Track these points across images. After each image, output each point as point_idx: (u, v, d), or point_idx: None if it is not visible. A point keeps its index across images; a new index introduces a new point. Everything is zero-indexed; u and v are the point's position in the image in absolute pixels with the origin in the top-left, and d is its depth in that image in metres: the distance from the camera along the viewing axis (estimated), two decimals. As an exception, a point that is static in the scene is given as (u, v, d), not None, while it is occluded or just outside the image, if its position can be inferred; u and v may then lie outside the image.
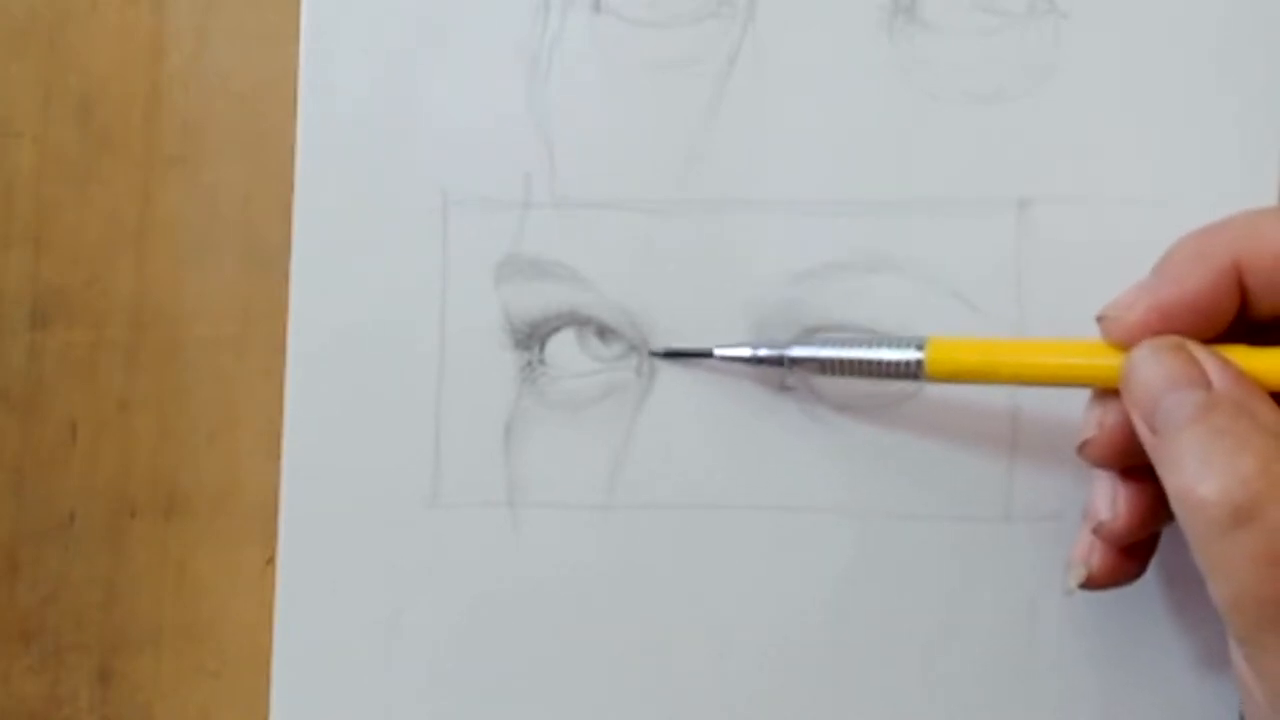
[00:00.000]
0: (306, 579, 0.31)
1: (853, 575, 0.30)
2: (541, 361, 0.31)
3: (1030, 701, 0.30)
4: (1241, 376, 0.24)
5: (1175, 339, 0.25)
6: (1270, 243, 0.25)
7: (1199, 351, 0.24)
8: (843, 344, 0.28)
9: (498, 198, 0.31)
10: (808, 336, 0.30)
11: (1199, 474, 0.23)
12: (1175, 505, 0.23)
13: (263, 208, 0.32)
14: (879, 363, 0.28)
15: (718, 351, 0.30)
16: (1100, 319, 0.26)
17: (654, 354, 0.31)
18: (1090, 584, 0.27)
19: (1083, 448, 0.27)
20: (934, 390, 0.30)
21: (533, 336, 0.31)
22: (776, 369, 0.30)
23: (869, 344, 0.28)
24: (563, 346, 0.31)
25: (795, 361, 0.29)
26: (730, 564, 0.30)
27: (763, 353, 0.29)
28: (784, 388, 0.30)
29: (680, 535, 0.31)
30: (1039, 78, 0.30)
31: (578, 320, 0.31)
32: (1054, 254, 0.30)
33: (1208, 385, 0.24)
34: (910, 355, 0.27)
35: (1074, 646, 0.30)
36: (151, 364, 0.32)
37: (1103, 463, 0.27)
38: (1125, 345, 0.25)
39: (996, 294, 0.30)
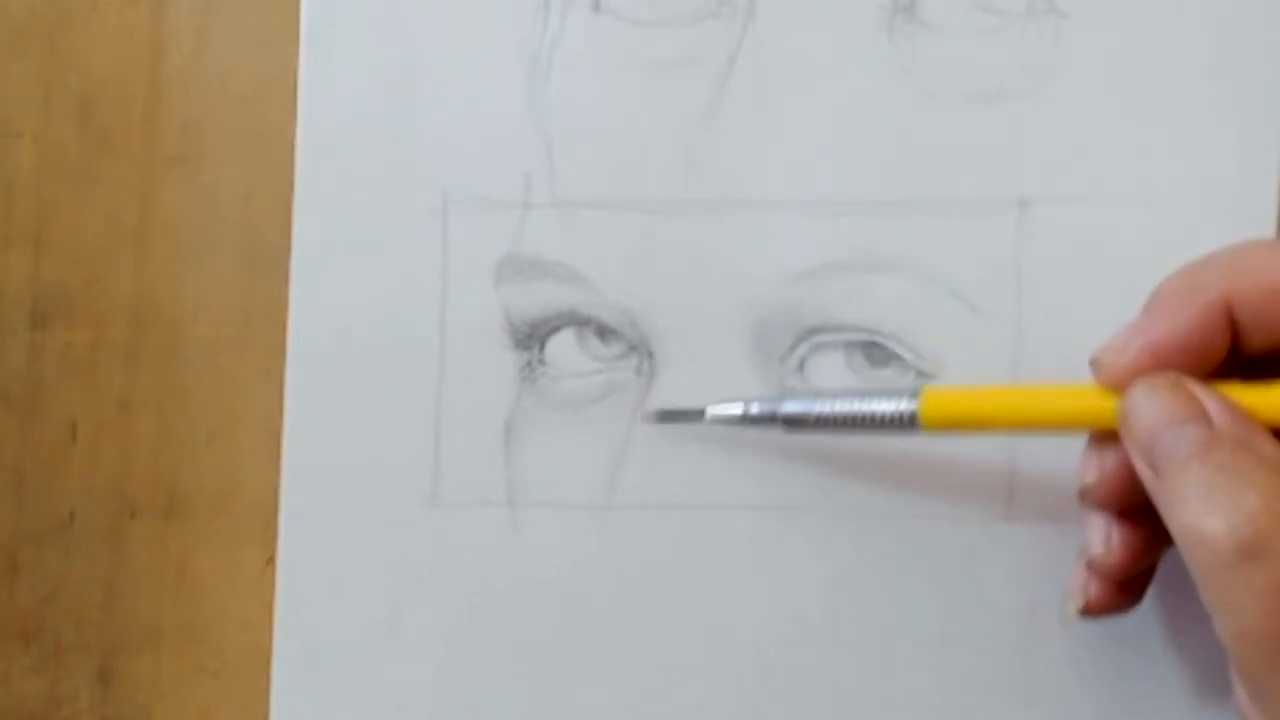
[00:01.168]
0: (306, 579, 0.31)
1: (852, 575, 0.30)
2: (541, 361, 0.31)
3: (1030, 702, 0.30)
4: (1240, 412, 0.24)
5: (1172, 376, 0.24)
6: (1259, 277, 0.25)
7: (1196, 388, 0.24)
8: (835, 397, 0.28)
9: (498, 198, 0.31)
10: (801, 391, 0.30)
11: (1203, 511, 0.22)
12: (1180, 542, 0.23)
13: (263, 208, 0.32)
14: (873, 416, 0.27)
15: (710, 411, 0.29)
16: (1093, 362, 0.26)
17: (646, 419, 0.30)
18: (1087, 612, 0.27)
19: (1084, 494, 0.27)
20: (934, 390, 0.30)
21: (533, 336, 0.31)
22: (778, 362, 0.30)
23: (862, 396, 0.28)
24: (563, 346, 0.31)
25: (789, 421, 0.28)
26: (730, 564, 0.30)
27: (755, 410, 0.29)
28: (784, 388, 0.30)
29: (680, 535, 0.31)
30: (1039, 78, 0.30)
31: (578, 320, 0.31)
32: (1054, 254, 0.30)
33: (1207, 421, 0.24)
34: (904, 406, 0.27)
35: (1074, 646, 0.30)
36: (151, 364, 0.32)
37: (1103, 506, 0.26)
38: (1119, 388, 0.25)
39: (996, 294, 0.30)
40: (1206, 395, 0.24)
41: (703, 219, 0.31)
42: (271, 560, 0.31)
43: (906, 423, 0.27)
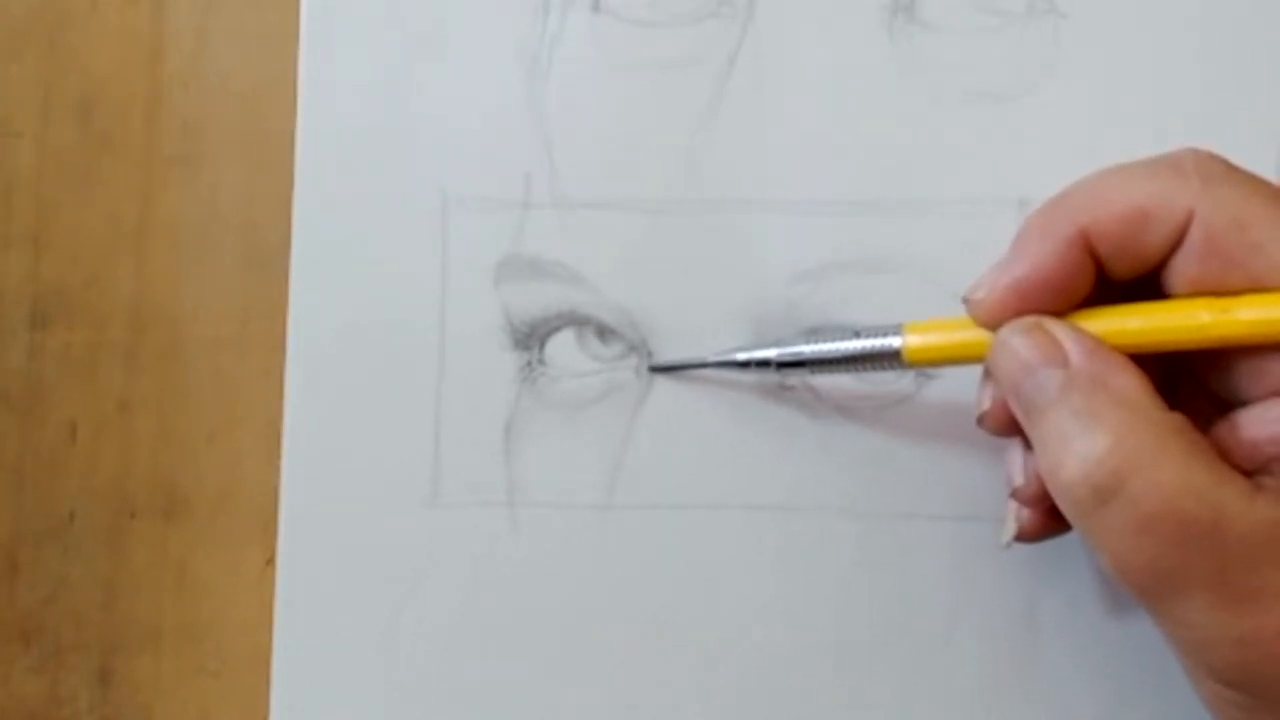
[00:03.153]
0: (306, 579, 0.31)
1: (853, 575, 0.30)
2: (541, 362, 0.31)
3: (1030, 701, 0.30)
4: (1097, 348, 0.24)
5: (1031, 320, 0.25)
6: (1112, 206, 0.24)
7: (1056, 327, 0.24)
8: (824, 339, 0.28)
9: (498, 198, 0.31)
10: (800, 337, 0.30)
11: (1060, 457, 0.23)
12: (1050, 489, 0.24)
13: (263, 208, 0.32)
14: (859, 352, 0.27)
15: (710, 358, 0.30)
16: (964, 301, 0.26)
17: (653, 369, 0.31)
18: (1022, 538, 0.27)
19: (980, 420, 0.27)
20: (934, 390, 0.30)
21: (532, 336, 0.31)
22: (773, 372, 0.30)
23: (850, 337, 0.28)
24: (562, 347, 0.31)
25: (782, 364, 0.29)
26: (730, 564, 0.30)
27: (742, 356, 0.29)
28: (784, 388, 0.30)
29: (680, 535, 0.31)
30: (1039, 78, 0.30)
31: (577, 320, 0.31)
32: (1054, 254, 0.30)
33: (1065, 363, 0.24)
34: (892, 342, 0.27)
35: (1074, 646, 0.30)
36: (151, 364, 0.32)
37: (1000, 433, 0.27)
38: (991, 326, 0.25)
39: (996, 294, 0.30)
40: (1065, 334, 0.24)
41: (703, 219, 0.31)
42: (271, 560, 0.31)
43: (891, 357, 0.27)
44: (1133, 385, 0.23)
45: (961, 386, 0.30)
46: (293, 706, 0.31)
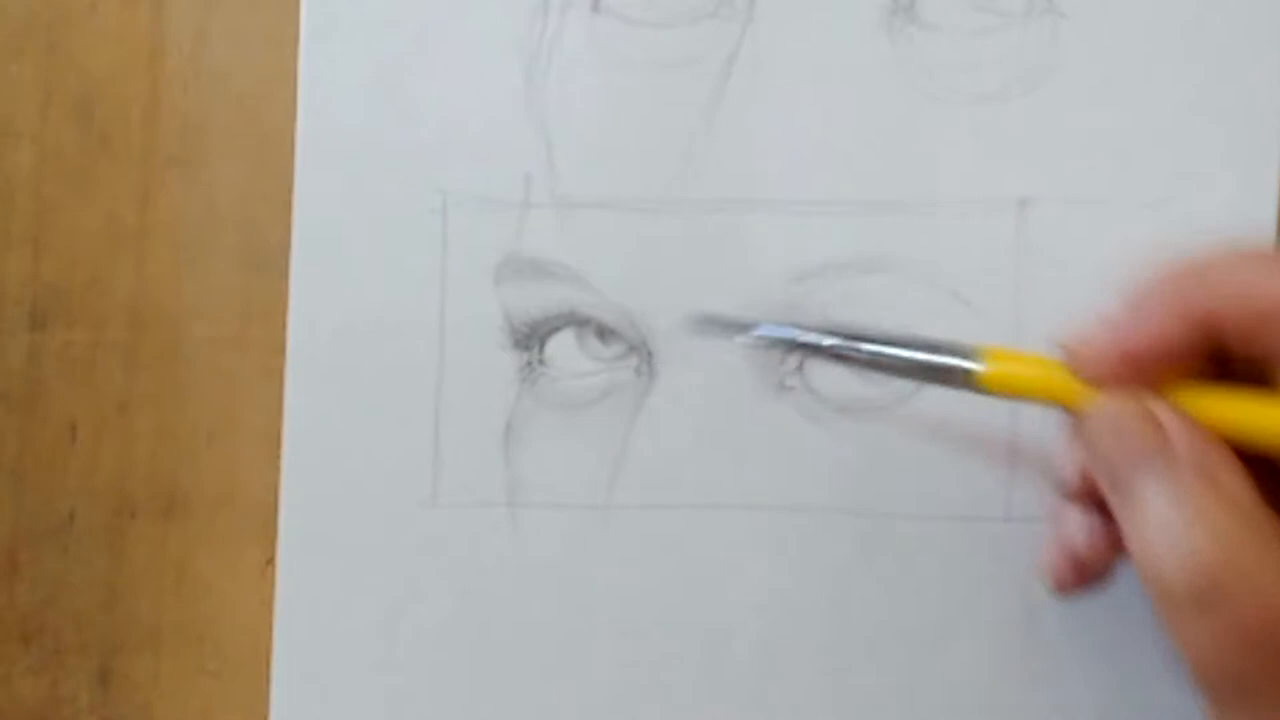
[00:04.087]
0: (306, 579, 0.31)
1: (852, 575, 0.30)
2: (541, 361, 0.31)
3: (1029, 701, 0.30)
4: (1201, 434, 0.23)
5: (1135, 399, 0.24)
6: (1251, 301, 0.23)
7: (1161, 410, 0.23)
8: (890, 342, 0.27)
9: (497, 198, 0.31)
10: (850, 326, 0.28)
11: (1159, 550, 0.22)
12: (1138, 571, 0.23)
13: (263, 208, 0.32)
14: (930, 365, 0.26)
15: (761, 329, 0.29)
16: (1066, 351, 0.25)
17: (692, 324, 0.30)
18: (1063, 592, 0.27)
19: (1062, 487, 0.26)
20: (933, 391, 0.30)
21: (532, 336, 0.31)
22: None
23: (918, 346, 0.27)
24: (562, 346, 0.31)
25: (838, 354, 0.28)
26: (730, 564, 0.30)
27: (801, 337, 0.28)
28: (783, 388, 0.30)
29: (680, 535, 0.31)
30: (1039, 78, 0.30)
31: (577, 320, 0.31)
32: (1054, 254, 0.30)
33: (1170, 449, 0.23)
34: (965, 364, 0.26)
35: (1072, 646, 0.30)
36: (151, 364, 0.32)
37: (1081, 501, 0.26)
38: (1091, 384, 0.24)
39: (996, 294, 0.30)
40: (1170, 416, 0.23)
41: (703, 219, 0.31)
42: (271, 560, 0.31)
43: (961, 379, 0.26)
44: (1239, 484, 0.22)
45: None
46: (293, 706, 0.31)
